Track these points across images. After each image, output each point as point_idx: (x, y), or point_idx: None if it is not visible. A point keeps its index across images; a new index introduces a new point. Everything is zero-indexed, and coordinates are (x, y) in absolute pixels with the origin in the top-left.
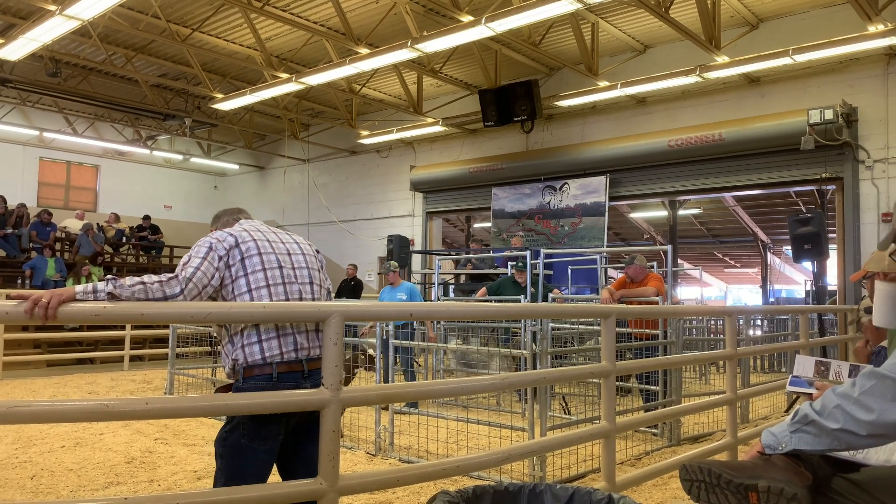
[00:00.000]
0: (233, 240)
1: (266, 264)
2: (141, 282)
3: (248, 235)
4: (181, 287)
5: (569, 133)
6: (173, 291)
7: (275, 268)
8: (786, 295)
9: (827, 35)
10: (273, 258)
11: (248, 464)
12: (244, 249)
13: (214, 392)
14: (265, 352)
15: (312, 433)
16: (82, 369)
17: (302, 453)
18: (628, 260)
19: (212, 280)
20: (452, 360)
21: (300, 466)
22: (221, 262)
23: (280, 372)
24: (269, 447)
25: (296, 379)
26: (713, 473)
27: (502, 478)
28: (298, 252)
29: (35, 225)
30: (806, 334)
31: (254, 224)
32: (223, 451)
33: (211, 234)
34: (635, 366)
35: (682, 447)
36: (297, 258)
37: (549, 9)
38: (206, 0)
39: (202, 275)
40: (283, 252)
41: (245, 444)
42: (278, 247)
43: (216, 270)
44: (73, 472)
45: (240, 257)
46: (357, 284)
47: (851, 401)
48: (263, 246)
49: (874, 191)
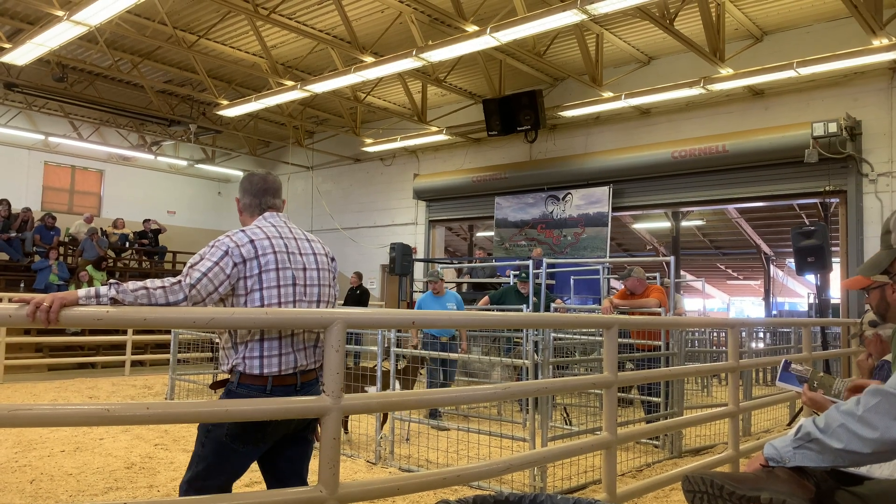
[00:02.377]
0: (252, 249)
1: (281, 280)
2: (144, 287)
3: (269, 245)
4: (185, 294)
5: (572, 143)
6: (176, 298)
7: (289, 285)
8: (789, 307)
9: (831, 48)
10: (289, 274)
11: (224, 460)
12: (263, 263)
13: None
14: (264, 368)
15: (299, 439)
16: (83, 374)
17: (287, 452)
18: (625, 273)
19: (219, 287)
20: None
21: (284, 465)
22: (236, 269)
23: (275, 385)
24: (248, 451)
25: (288, 392)
26: (716, 485)
27: (503, 488)
28: (314, 266)
29: (39, 229)
30: (808, 347)
31: (276, 225)
32: (205, 440)
33: (232, 235)
34: (637, 377)
35: (683, 459)
36: (310, 274)
37: (554, 20)
38: (212, 7)
39: (208, 281)
40: (300, 267)
41: (226, 443)
42: (295, 259)
43: (227, 278)
44: (73, 476)
45: (258, 271)
46: (363, 293)
47: (855, 419)
48: (282, 259)
49: (878, 204)
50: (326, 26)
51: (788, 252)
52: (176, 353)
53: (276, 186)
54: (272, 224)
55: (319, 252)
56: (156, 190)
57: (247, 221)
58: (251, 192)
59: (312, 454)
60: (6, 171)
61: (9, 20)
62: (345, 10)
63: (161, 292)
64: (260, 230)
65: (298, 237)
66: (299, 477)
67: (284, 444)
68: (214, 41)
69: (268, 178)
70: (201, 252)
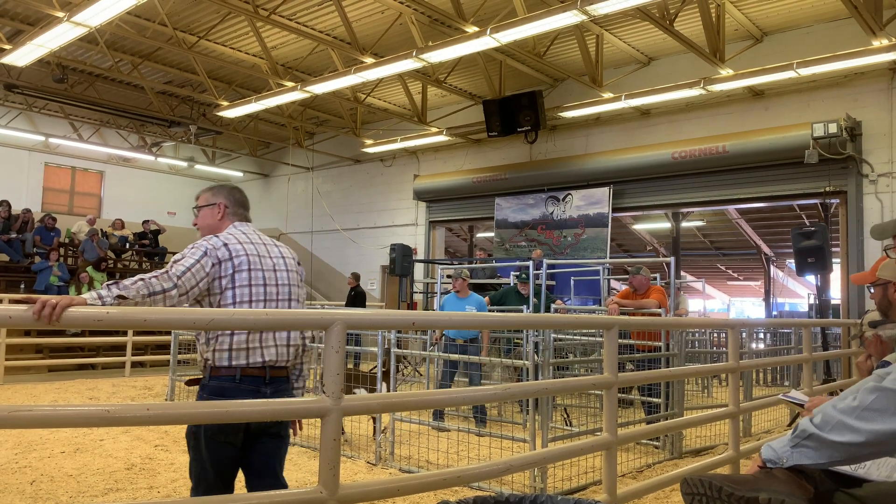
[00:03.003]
0: (227, 252)
1: (253, 280)
2: (140, 279)
3: (242, 249)
4: (173, 282)
5: (572, 144)
6: (169, 285)
7: (260, 284)
8: (789, 308)
9: (831, 49)
10: (261, 274)
11: (214, 455)
12: (236, 263)
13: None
14: (232, 360)
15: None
16: (84, 375)
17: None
18: (635, 270)
19: (199, 283)
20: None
21: (256, 459)
22: (214, 268)
23: (244, 375)
24: (230, 440)
25: (257, 383)
26: (714, 486)
27: (503, 489)
28: (283, 268)
29: (39, 230)
30: (809, 348)
31: (245, 232)
32: (194, 443)
33: (207, 240)
34: (637, 378)
35: (683, 460)
36: (280, 275)
37: (554, 20)
38: (212, 8)
39: (191, 276)
40: (270, 268)
41: (209, 438)
42: (266, 262)
43: (206, 276)
44: (73, 477)
45: (231, 270)
46: (358, 295)
47: (854, 415)
48: (254, 261)
49: (878, 205)
50: (326, 27)
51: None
52: (176, 354)
53: (248, 202)
54: (243, 231)
55: (287, 256)
56: (156, 191)
57: (221, 226)
58: (237, 202)
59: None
60: (6, 173)
61: (9, 21)
62: (345, 11)
63: (156, 280)
64: (232, 236)
65: (267, 243)
66: (272, 470)
67: (258, 438)
68: (214, 42)
69: (244, 193)
70: (182, 252)
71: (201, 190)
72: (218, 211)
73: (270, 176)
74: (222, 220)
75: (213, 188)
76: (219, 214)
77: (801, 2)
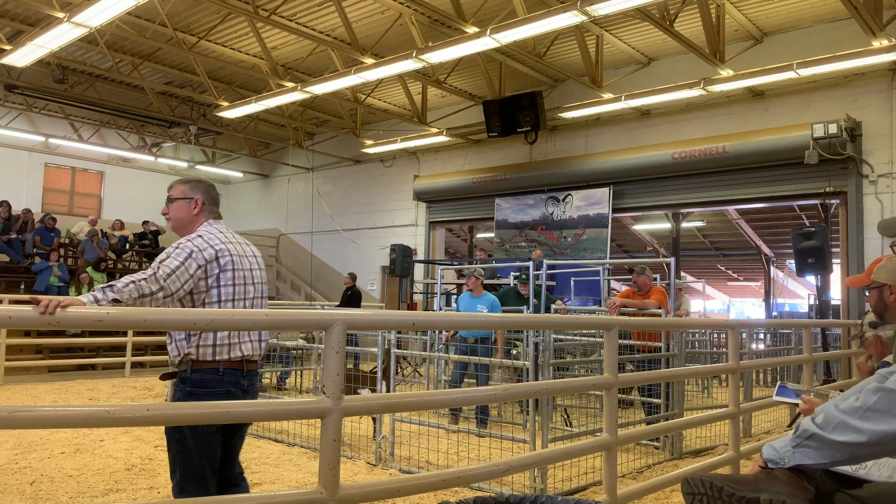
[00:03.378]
0: (213, 253)
1: (236, 280)
2: (131, 281)
3: (226, 249)
4: (160, 284)
5: (572, 144)
6: (155, 288)
7: (241, 283)
8: (789, 309)
9: (831, 50)
10: (241, 274)
11: (203, 446)
12: (222, 263)
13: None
14: (216, 355)
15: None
16: (83, 375)
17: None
18: (640, 269)
19: (184, 285)
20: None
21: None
22: (199, 270)
23: (226, 368)
24: (215, 428)
25: (236, 376)
26: (715, 487)
27: (503, 489)
28: (256, 267)
29: (39, 231)
30: (809, 349)
31: (223, 231)
32: (179, 436)
33: (192, 240)
34: (638, 378)
35: (683, 461)
36: (255, 273)
37: (554, 21)
38: (213, 9)
39: (175, 278)
40: (248, 268)
41: (199, 430)
42: (244, 262)
43: (190, 277)
44: (73, 478)
45: (217, 270)
46: (354, 295)
47: (856, 415)
48: (237, 261)
49: (878, 205)
50: (326, 28)
51: (789, 253)
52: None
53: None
54: (221, 231)
55: (258, 255)
56: (156, 191)
57: (195, 222)
58: (213, 200)
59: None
60: (6, 173)
61: (9, 22)
62: (345, 12)
63: (145, 283)
64: (213, 236)
65: (241, 242)
66: (231, 463)
67: (230, 433)
68: (215, 43)
69: (217, 191)
70: (167, 251)
71: (175, 181)
72: (194, 206)
73: (270, 176)
74: (197, 215)
75: (189, 182)
76: (195, 210)
77: (802, 2)
